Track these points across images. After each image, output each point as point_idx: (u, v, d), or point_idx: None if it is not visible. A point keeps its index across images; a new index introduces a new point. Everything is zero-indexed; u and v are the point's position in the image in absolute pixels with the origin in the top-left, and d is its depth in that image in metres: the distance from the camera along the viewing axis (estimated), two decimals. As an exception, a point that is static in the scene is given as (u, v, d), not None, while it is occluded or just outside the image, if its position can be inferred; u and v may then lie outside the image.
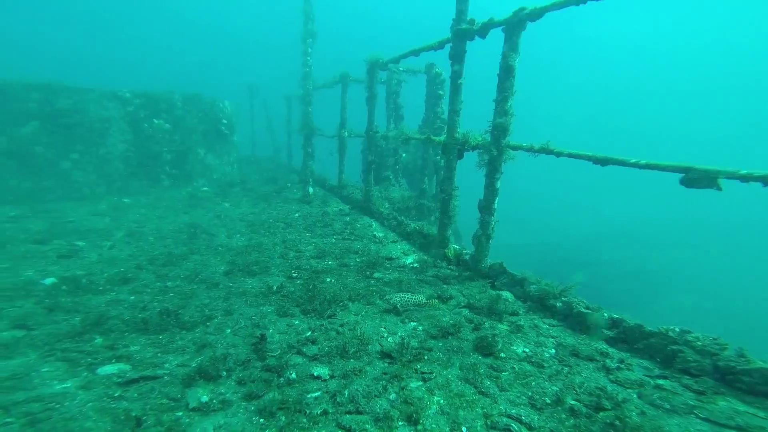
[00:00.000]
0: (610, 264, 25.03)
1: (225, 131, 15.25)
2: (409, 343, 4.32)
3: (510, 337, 4.58)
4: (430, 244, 7.83)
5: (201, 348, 4.07)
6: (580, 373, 3.86)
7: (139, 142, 11.89)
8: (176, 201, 10.97)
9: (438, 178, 11.76)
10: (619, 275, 23.31)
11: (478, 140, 6.64)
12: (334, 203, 12.09)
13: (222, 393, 3.41)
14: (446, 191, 7.07)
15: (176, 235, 8.00)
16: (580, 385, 3.62)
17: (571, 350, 4.23)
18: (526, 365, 4.03)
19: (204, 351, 4.01)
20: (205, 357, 3.87)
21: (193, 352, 4.01)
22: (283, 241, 8.25)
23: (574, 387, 3.60)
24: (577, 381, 3.70)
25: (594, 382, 3.69)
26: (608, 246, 28.42)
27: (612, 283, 21.37)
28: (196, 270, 6.26)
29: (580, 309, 4.63)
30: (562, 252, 26.95)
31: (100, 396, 3.20)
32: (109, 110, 11.53)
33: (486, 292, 5.90)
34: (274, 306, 5.21)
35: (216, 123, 14.85)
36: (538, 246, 28.36)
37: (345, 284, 6.06)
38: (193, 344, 4.14)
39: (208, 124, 14.37)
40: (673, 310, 20.11)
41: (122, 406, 3.07)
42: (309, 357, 4.06)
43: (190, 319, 4.65)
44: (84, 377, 3.50)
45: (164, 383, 3.44)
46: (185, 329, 4.42)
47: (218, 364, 3.71)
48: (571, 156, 4.77)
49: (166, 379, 3.50)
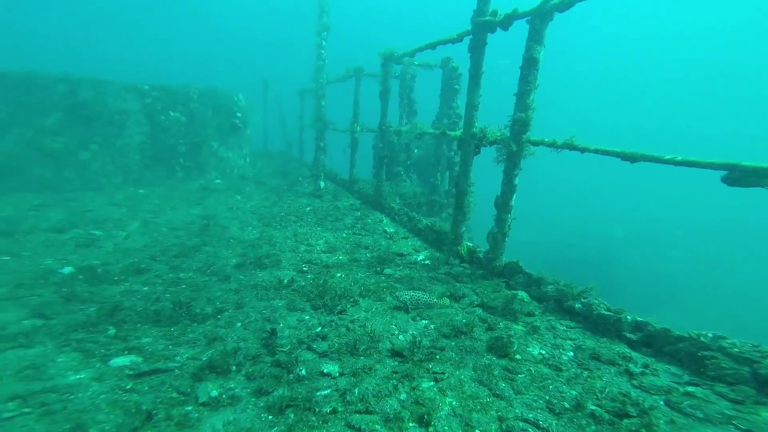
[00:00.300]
0: (623, 265, 24.43)
1: (239, 124, 15.30)
2: (421, 342, 4.22)
3: (526, 339, 4.43)
4: (442, 240, 7.69)
5: (211, 341, 4.05)
6: (601, 377, 3.69)
7: (155, 134, 12.03)
8: (189, 193, 11.06)
9: (451, 174, 11.59)
10: (634, 277, 22.75)
11: (496, 135, 6.45)
12: (345, 198, 12.02)
13: (231, 388, 3.37)
14: (461, 187, 6.91)
15: (189, 227, 8.04)
16: (602, 389, 3.46)
17: (590, 353, 4.07)
18: (543, 368, 3.88)
19: (214, 344, 3.99)
20: (216, 351, 3.84)
21: (203, 345, 3.99)
22: (294, 234, 8.21)
23: (594, 392, 3.45)
24: (598, 385, 3.54)
25: (617, 387, 3.52)
26: (622, 247, 27.72)
27: (626, 284, 20.90)
28: (208, 262, 6.26)
29: (601, 311, 4.45)
30: (573, 251, 26.41)
31: (113, 388, 3.20)
32: (128, 102, 11.69)
33: (500, 291, 5.75)
34: (285, 300, 5.17)
35: (230, 116, 14.91)
36: (546, 244, 27.80)
37: (355, 280, 5.99)
38: (204, 337, 4.12)
39: (222, 118, 14.44)
40: (690, 313, 19.55)
41: (133, 399, 3.06)
42: (319, 353, 3.99)
43: (202, 311, 4.63)
44: (97, 368, 3.51)
45: (175, 377, 3.41)
46: (196, 322, 4.41)
47: (228, 358, 3.68)
48: (598, 152, 4.56)
49: (177, 373, 3.48)
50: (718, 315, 20.14)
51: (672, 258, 26.89)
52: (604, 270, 22.61)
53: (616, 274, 22.32)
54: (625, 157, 4.25)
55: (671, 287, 22.80)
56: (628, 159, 4.23)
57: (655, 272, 24.20)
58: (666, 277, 23.84)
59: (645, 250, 27.50)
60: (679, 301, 21.48)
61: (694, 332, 3.73)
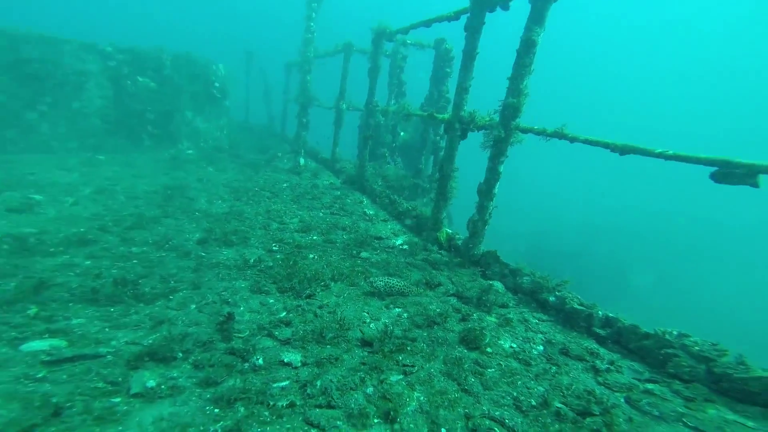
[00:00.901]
0: (598, 256, 24.98)
1: (217, 95, 14.41)
2: (393, 332, 3.99)
3: (498, 331, 4.28)
4: (421, 225, 7.45)
5: (158, 324, 3.68)
6: (569, 373, 3.58)
7: (119, 100, 11.09)
8: (157, 162, 10.34)
9: (436, 159, 11.29)
10: (604, 268, 23.29)
11: (485, 120, 6.17)
12: (325, 176, 11.58)
13: (174, 378, 3.04)
14: (445, 171, 6.63)
15: (150, 196, 7.46)
16: (568, 386, 3.34)
17: (560, 348, 3.95)
18: (512, 362, 3.73)
19: (160, 328, 3.62)
20: (161, 335, 3.48)
21: (148, 328, 3.61)
22: (267, 211, 7.79)
23: (561, 388, 3.32)
24: (565, 382, 3.42)
25: (582, 384, 3.42)
26: (599, 238, 28.24)
27: (598, 276, 21.35)
28: (167, 235, 5.80)
29: (573, 305, 4.34)
30: (550, 242, 26.80)
31: (17, 377, 2.78)
32: (87, 63, 10.68)
33: (476, 281, 5.58)
34: (249, 281, 4.82)
35: (207, 86, 14.00)
36: (525, 235, 28.13)
37: (329, 262, 5.68)
38: (149, 319, 3.74)
39: (198, 86, 13.52)
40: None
41: (42, 390, 2.67)
42: (281, 341, 3.70)
43: (152, 290, 4.23)
44: (1, 354, 3.01)
45: (105, 364, 3.03)
46: (144, 302, 4.01)
47: (174, 344, 3.33)
48: (588, 143, 4.35)
49: (109, 359, 3.09)
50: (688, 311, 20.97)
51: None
52: (582, 262, 23.07)
53: (595, 266, 22.75)
54: (615, 148, 4.06)
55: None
56: (618, 151, 4.03)
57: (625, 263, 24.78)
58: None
59: (621, 242, 28.04)
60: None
61: (660, 329, 3.67)
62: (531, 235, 27.90)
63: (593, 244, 26.76)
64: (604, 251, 25.89)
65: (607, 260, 24.78)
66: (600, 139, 4.23)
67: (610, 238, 28.53)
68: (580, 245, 26.44)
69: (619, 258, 25.39)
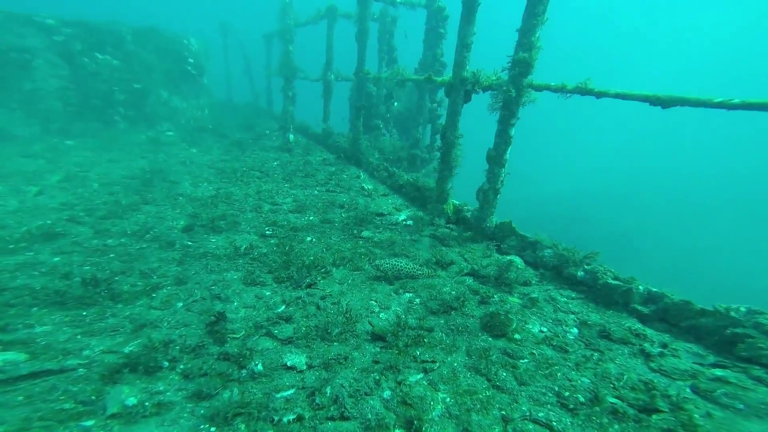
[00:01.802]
0: (599, 223, 24.65)
1: (192, 71, 13.33)
2: (406, 322, 3.54)
3: (524, 314, 3.85)
4: (426, 198, 6.91)
5: (139, 328, 3.18)
6: (614, 359, 3.17)
7: (79, 79, 10.01)
8: (134, 145, 9.55)
9: (433, 128, 10.60)
10: (608, 235, 23.01)
11: (491, 79, 5.52)
12: (317, 152, 10.88)
13: (160, 392, 2.57)
14: (449, 138, 6.03)
15: (128, 182, 6.80)
16: (619, 376, 2.93)
17: (598, 330, 3.54)
18: (546, 349, 3.32)
19: (142, 332, 3.12)
20: (143, 341, 2.99)
21: (128, 333, 3.12)
22: (258, 191, 7.18)
23: (610, 379, 2.92)
24: (613, 371, 3.01)
25: (634, 372, 3.01)
26: (599, 204, 27.70)
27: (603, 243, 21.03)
28: (147, 224, 5.22)
29: (607, 280, 3.90)
30: (552, 207, 26.30)
31: None
32: (28, 39, 9.47)
33: (491, 256, 5.13)
34: (242, 272, 4.30)
35: (180, 62, 12.89)
36: (525, 201, 27.51)
37: (328, 245, 5.18)
38: (129, 323, 3.24)
39: (170, 63, 12.42)
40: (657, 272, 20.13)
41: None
42: (281, 340, 3.23)
43: (131, 288, 3.70)
44: None
45: (75, 379, 2.55)
46: (122, 302, 3.50)
47: (158, 351, 2.85)
48: (621, 97, 3.77)
49: (80, 373, 2.61)
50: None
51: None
52: (584, 228, 22.70)
53: (596, 232, 22.34)
54: (656, 101, 3.48)
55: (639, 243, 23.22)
56: (660, 104, 3.46)
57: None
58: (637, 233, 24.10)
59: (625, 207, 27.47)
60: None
61: (722, 306, 3.23)
62: (530, 202, 27.23)
63: (593, 208, 26.39)
64: (606, 215, 25.53)
65: (609, 224, 24.44)
66: (636, 92, 3.65)
67: (610, 202, 28.13)
68: (580, 210, 26.05)
69: (621, 221, 25.04)
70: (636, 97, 3.64)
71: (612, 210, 26.94)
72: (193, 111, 13.67)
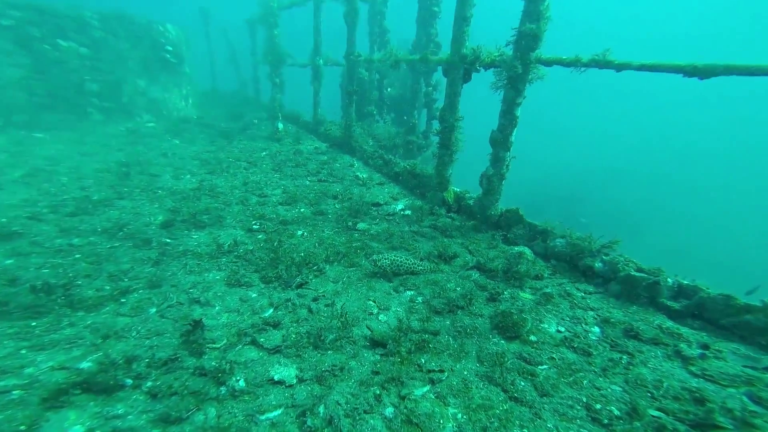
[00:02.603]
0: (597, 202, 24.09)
1: (171, 60, 12.57)
2: (409, 324, 3.17)
3: (538, 312, 3.49)
4: (424, 186, 6.50)
5: (102, 339, 2.76)
6: (646, 363, 2.82)
7: (43, 68, 9.18)
8: (111, 137, 8.95)
9: (429, 113, 10.12)
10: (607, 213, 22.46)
11: (493, 55, 5.07)
12: (308, 141, 10.38)
13: (118, 415, 2.17)
14: (448, 121, 5.59)
15: (102, 176, 6.28)
16: (657, 383, 2.58)
17: (624, 329, 3.18)
18: (567, 353, 2.96)
19: (104, 345, 2.70)
20: (103, 354, 2.57)
21: (87, 345, 2.70)
22: (245, 183, 6.71)
23: (647, 387, 2.56)
24: (649, 377, 2.66)
25: (674, 378, 2.65)
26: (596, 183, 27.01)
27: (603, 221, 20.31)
28: (121, 221, 4.75)
29: (629, 271, 3.53)
30: (546, 189, 25.54)
31: None
32: None
33: (497, 247, 4.75)
34: (225, 272, 3.88)
35: (157, 50, 12.13)
36: (522, 183, 26.59)
37: (321, 239, 4.77)
38: (91, 333, 2.82)
39: (146, 51, 11.67)
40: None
41: None
42: (268, 350, 2.84)
43: (97, 293, 3.27)
44: None
45: (3, 405, 2.13)
46: (84, 309, 3.07)
47: (118, 367, 2.43)
48: (648, 69, 3.35)
49: (13, 397, 2.19)
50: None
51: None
52: (580, 207, 22.24)
53: (592, 210, 21.80)
54: (693, 71, 3.06)
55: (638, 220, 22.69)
56: (698, 74, 3.05)
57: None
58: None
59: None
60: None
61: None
62: (529, 183, 26.27)
63: (591, 186, 25.81)
64: (603, 194, 25.02)
65: (606, 202, 23.96)
66: (667, 62, 3.23)
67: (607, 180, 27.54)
68: (579, 188, 25.43)
69: (620, 199, 24.54)
70: (667, 68, 3.23)
71: (609, 188, 26.45)
72: (175, 101, 12.99)
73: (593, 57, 3.91)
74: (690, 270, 3.85)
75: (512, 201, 5.40)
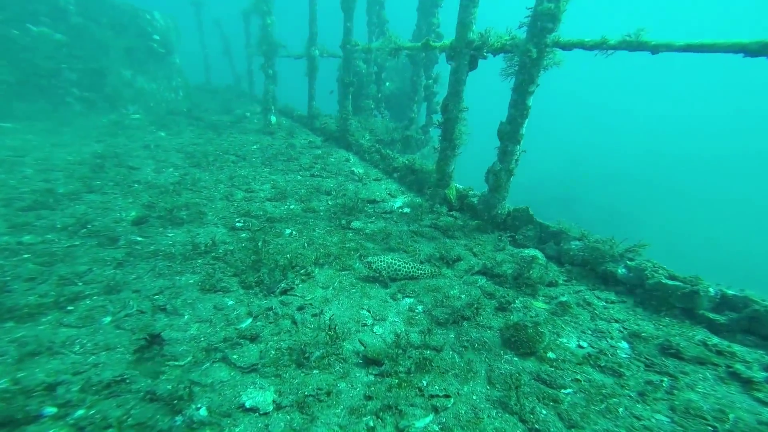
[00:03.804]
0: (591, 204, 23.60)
1: (159, 49, 12.03)
2: (408, 338, 2.72)
3: (555, 323, 3.05)
4: (423, 182, 6.06)
5: (29, 356, 2.28)
6: (693, 386, 2.39)
7: (10, 54, 8.58)
8: (91, 129, 8.40)
9: (429, 107, 9.68)
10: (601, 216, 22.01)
11: (503, 39, 4.63)
12: (302, 135, 9.90)
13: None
14: (451, 112, 5.14)
15: (73, 168, 5.78)
16: (718, 414, 2.14)
17: (659, 345, 2.75)
18: (593, 372, 2.53)
19: (33, 362, 2.22)
20: (27, 374, 2.10)
21: (7, 364, 2.21)
22: (231, 177, 6.23)
23: (704, 417, 2.13)
24: (702, 404, 2.22)
25: (737, 407, 2.21)
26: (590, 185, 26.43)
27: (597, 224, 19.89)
28: (85, 217, 4.26)
29: (660, 279, 3.10)
30: (542, 191, 25.02)
31: None
32: None
33: (504, 249, 4.32)
34: (200, 275, 3.41)
35: (144, 39, 11.58)
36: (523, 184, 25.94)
37: (311, 238, 4.31)
38: (17, 348, 2.34)
39: (131, 40, 11.11)
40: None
41: None
42: (242, 368, 2.38)
43: (38, 300, 2.79)
44: None
45: None
46: (15, 320, 2.59)
47: (34, 392, 1.96)
48: (693, 49, 2.91)
49: None
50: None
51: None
52: (573, 207, 21.73)
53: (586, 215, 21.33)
54: (755, 49, 2.63)
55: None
56: (764, 52, 2.62)
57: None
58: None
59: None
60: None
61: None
62: (531, 183, 25.65)
63: (583, 189, 25.22)
64: (596, 196, 24.50)
65: (600, 203, 23.47)
66: (721, 41, 2.78)
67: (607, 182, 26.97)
68: (568, 190, 24.82)
69: (612, 201, 24.03)
70: (720, 48, 2.78)
71: (602, 190, 25.86)
72: (164, 93, 12.45)
73: (624, 38, 3.46)
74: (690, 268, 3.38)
75: (510, 200, 4.97)
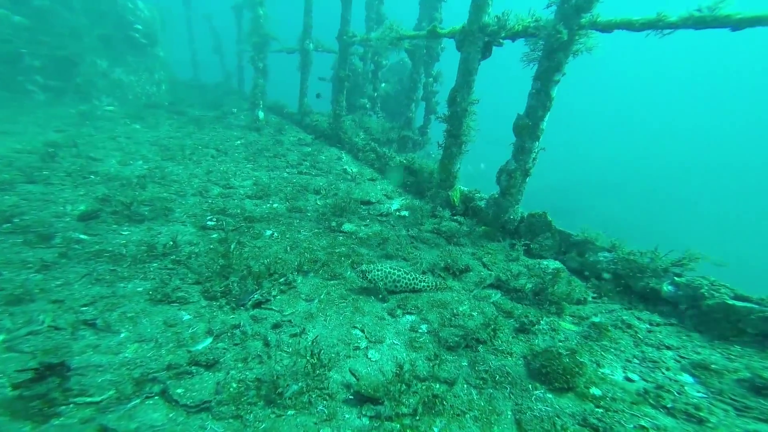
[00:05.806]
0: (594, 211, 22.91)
1: (141, 40, 11.29)
2: (413, 367, 2.09)
3: (591, 348, 2.47)
4: (424, 183, 5.48)
5: None
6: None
7: None
8: (54, 119, 7.58)
9: (428, 107, 9.15)
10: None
11: (525, 22, 4.08)
12: (292, 132, 9.27)
13: None
14: (460, 104, 4.60)
15: (17, 156, 5.01)
16: None
17: (743, 380, 2.18)
18: (657, 415, 1.94)
19: None
20: None
21: None
22: (208, 172, 5.55)
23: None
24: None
25: None
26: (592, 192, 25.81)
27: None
28: (17, 209, 3.53)
29: (724, 299, 2.55)
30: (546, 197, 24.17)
31: None
32: None
33: (518, 259, 3.74)
34: (152, 281, 2.74)
35: (124, 28, 10.84)
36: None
37: (295, 241, 3.67)
38: None
39: (109, 28, 10.36)
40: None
41: None
42: (187, 407, 1.73)
43: None
44: None
45: None
46: None
47: None
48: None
49: None
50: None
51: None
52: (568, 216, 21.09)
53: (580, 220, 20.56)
54: None
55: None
56: None
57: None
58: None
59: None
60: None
61: None
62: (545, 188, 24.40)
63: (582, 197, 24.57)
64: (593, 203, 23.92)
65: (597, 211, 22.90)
66: None
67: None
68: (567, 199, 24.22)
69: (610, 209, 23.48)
70: None
71: (600, 198, 25.40)
72: (144, 86, 11.68)
73: (692, 13, 2.90)
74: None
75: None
